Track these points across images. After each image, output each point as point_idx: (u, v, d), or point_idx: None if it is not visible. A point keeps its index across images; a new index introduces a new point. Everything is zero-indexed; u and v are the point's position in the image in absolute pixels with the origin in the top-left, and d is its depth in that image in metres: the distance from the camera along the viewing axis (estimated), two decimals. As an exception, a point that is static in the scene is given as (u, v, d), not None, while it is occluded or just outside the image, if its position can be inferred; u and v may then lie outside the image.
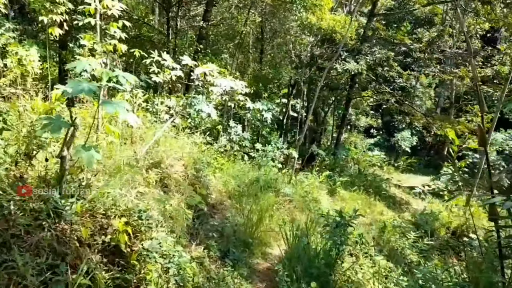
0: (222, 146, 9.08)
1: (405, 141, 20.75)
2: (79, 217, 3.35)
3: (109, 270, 3.36)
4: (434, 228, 11.70)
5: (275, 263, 6.67)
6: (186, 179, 6.30)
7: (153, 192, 4.97)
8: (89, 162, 3.23)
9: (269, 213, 7.96)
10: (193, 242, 5.53)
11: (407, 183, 18.91)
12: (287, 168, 11.44)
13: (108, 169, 4.60)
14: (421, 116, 14.81)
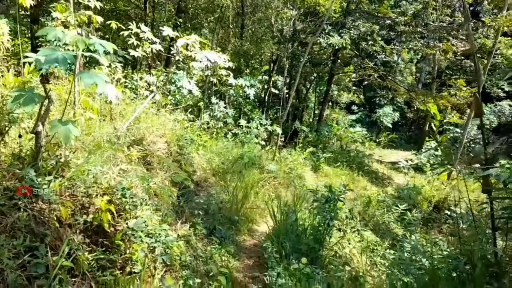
0: (204, 123, 8.88)
1: (387, 117, 20.91)
2: (58, 196, 3.16)
3: (92, 251, 3.22)
4: (417, 202, 11.91)
5: (262, 239, 6.64)
6: (170, 156, 6.12)
7: (136, 170, 4.79)
8: (67, 138, 3.02)
9: (254, 190, 7.89)
10: (179, 220, 5.41)
11: (389, 159, 19.18)
12: (271, 145, 11.34)
13: (87, 146, 4.38)
14: (404, 91, 14.86)
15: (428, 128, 19.03)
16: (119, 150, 4.64)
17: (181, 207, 5.63)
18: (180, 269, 4.29)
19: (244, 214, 7.11)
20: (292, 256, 5.20)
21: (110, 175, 3.75)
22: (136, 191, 4.09)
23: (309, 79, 18.67)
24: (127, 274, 3.37)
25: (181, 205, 5.65)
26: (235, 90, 10.71)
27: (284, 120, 11.28)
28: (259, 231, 7.10)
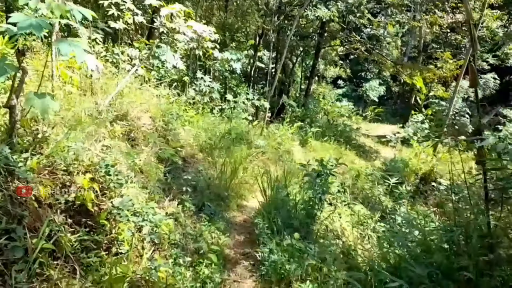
0: (190, 98, 8.59)
1: (373, 91, 20.81)
2: (36, 174, 2.93)
3: (75, 232, 3.02)
4: (404, 175, 11.96)
5: (252, 215, 6.52)
6: (155, 132, 5.87)
7: (120, 146, 4.55)
8: (44, 111, 2.77)
9: (243, 166, 7.73)
10: (167, 197, 5.22)
11: (375, 132, 19.21)
12: (258, 120, 11.14)
13: (67, 122, 4.11)
14: (391, 64, 14.71)
15: (414, 101, 19.03)
16: (102, 125, 4.37)
17: (169, 184, 5.43)
18: (169, 247, 4.13)
19: (233, 190, 6.97)
20: (284, 232, 5.09)
21: (92, 151, 3.51)
22: (121, 168, 3.87)
23: (296, 53, 18.33)
24: (114, 255, 3.20)
25: (169, 182, 5.45)
26: (220, 64, 10.38)
27: (271, 95, 11.04)
28: (248, 207, 6.98)
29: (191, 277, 3.93)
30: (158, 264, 3.28)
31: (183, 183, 5.67)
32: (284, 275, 4.18)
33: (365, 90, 21.20)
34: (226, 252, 5.01)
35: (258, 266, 4.66)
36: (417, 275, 4.31)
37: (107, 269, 3.03)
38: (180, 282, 3.60)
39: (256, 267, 4.69)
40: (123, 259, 3.21)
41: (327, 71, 21.22)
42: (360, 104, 21.59)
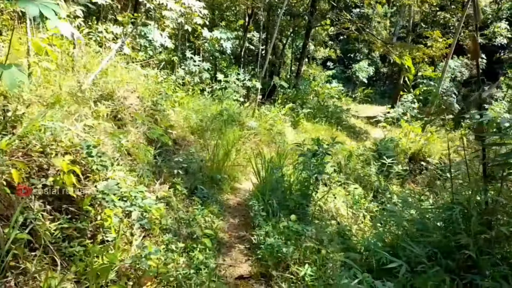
0: (179, 78, 8.17)
1: (363, 72, 20.49)
2: (8, 156, 2.58)
3: (55, 220, 2.69)
4: (395, 155, 11.78)
5: (246, 198, 6.25)
6: (143, 112, 5.50)
7: (105, 126, 4.19)
8: (12, 84, 2.41)
9: (235, 148, 7.42)
10: (157, 180, 4.91)
11: (365, 113, 18.99)
12: (250, 102, 10.78)
13: (46, 100, 3.73)
14: (381, 44, 14.38)
15: (403, 82, 18.81)
16: (84, 104, 3.99)
17: (159, 167, 5.11)
18: (161, 233, 3.84)
19: (226, 172, 6.67)
20: (280, 213, 4.83)
21: (73, 131, 3.15)
22: (106, 149, 3.53)
23: (286, 34, 17.84)
24: (99, 243, 2.89)
25: (159, 164, 5.12)
26: (210, 44, 9.93)
27: (261, 76, 10.65)
28: (242, 189, 6.71)
29: (184, 263, 3.66)
30: (148, 251, 2.98)
31: (174, 165, 5.35)
32: (281, 258, 3.92)
33: (355, 71, 20.85)
34: (220, 236, 4.74)
35: (254, 249, 4.40)
36: (415, 255, 4.10)
37: (92, 258, 2.73)
38: (173, 270, 3.32)
39: (252, 250, 4.43)
40: (109, 247, 2.91)
41: (317, 52, 20.79)
42: (349, 86, 21.27)
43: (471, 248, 3.74)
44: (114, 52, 5.30)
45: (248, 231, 4.90)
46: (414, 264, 4.05)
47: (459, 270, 3.97)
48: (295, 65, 18.78)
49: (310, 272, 3.53)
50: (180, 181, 5.06)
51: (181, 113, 7.37)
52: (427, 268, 3.89)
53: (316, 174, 4.67)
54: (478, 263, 3.82)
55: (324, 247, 4.18)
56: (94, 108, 4.56)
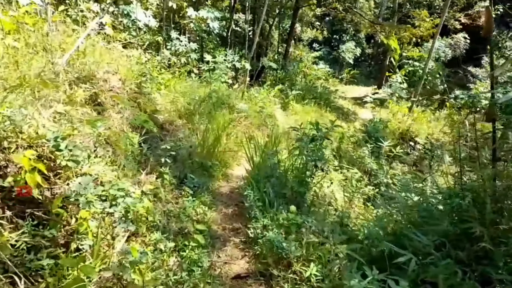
0: (165, 58, 7.50)
1: (350, 53, 19.93)
2: (-49, 154, 2.01)
3: (17, 228, 2.16)
4: (384, 135, 11.43)
5: (238, 185, 5.77)
6: (126, 95, 4.90)
7: (83, 113, 3.60)
8: None
9: (226, 132, 6.89)
10: (143, 170, 4.36)
11: (351, 94, 18.56)
12: (239, 84, 10.19)
13: (10, 83, 3.12)
14: (369, 23, 13.81)
15: (388, 62, 18.36)
16: (56, 87, 3.38)
17: (145, 155, 4.55)
18: (148, 231, 3.33)
19: (217, 158, 6.16)
20: (276, 202, 4.36)
21: (38, 120, 2.57)
22: (81, 140, 2.96)
23: (272, 15, 17.08)
24: (74, 252, 2.36)
25: (145, 153, 4.56)
26: (196, 24, 9.23)
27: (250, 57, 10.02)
28: (234, 176, 6.22)
29: (175, 265, 3.17)
30: (133, 258, 2.48)
31: (162, 153, 4.79)
32: (281, 255, 3.47)
33: (342, 52, 20.27)
34: (213, 229, 4.26)
35: (251, 243, 3.94)
36: (422, 245, 3.69)
37: (65, 271, 2.22)
38: (163, 275, 2.83)
39: (249, 245, 3.97)
40: (86, 255, 2.39)
41: (304, 33, 20.10)
42: (335, 67, 20.72)
43: (486, 239, 3.34)
44: (90, 29, 4.64)
45: (243, 223, 4.43)
46: (423, 255, 3.64)
47: (470, 261, 3.57)
48: (282, 46, 18.11)
49: (315, 272, 3.08)
50: (168, 170, 4.53)
51: (168, 96, 6.77)
52: (437, 260, 3.48)
53: (315, 160, 4.20)
54: (491, 254, 3.42)
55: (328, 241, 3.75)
56: (70, 92, 3.95)
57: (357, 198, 5.96)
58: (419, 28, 13.15)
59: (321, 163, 4.20)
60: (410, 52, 17.00)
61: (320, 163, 4.16)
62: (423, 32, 13.16)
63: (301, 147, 4.49)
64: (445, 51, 17.92)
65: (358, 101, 17.45)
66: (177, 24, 10.15)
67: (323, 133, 4.26)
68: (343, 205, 5.56)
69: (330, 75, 17.86)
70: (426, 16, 13.24)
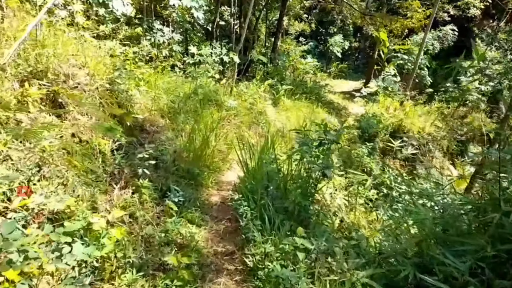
0: (144, 49, 6.54)
1: (338, 46, 19.15)
2: None
3: None
4: (377, 130, 10.75)
5: (230, 193, 4.95)
6: (95, 93, 3.99)
7: (34, 117, 2.72)
8: None
9: (215, 132, 6.03)
10: (116, 185, 3.50)
11: (340, 89, 17.82)
12: (226, 78, 9.29)
13: None
14: (359, 14, 13.06)
15: (377, 55, 17.68)
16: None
17: (119, 166, 3.68)
18: (117, 272, 2.48)
19: (205, 163, 5.32)
20: (277, 219, 3.56)
21: None
22: (22, 157, 2.08)
23: (259, 8, 16.13)
24: None
25: (118, 162, 3.69)
26: (179, 14, 8.28)
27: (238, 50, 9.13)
28: (225, 182, 5.38)
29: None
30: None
31: (139, 161, 3.92)
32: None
33: (330, 45, 19.46)
34: (203, 253, 3.43)
35: (249, 275, 3.14)
36: (455, 270, 2.94)
37: None
38: None
39: (246, 276, 3.16)
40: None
41: (291, 26, 19.21)
42: (323, 61, 19.92)
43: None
44: (44, 12, 3.71)
45: (238, 244, 3.62)
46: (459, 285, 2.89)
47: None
48: (269, 40, 17.22)
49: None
50: (147, 183, 3.67)
51: (148, 93, 5.86)
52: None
53: (323, 169, 3.40)
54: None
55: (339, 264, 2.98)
56: (19, 90, 3.05)
57: (364, 206, 5.22)
58: (411, 19, 12.44)
59: (330, 174, 3.41)
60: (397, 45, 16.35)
61: (329, 172, 3.37)
62: (415, 24, 12.46)
63: (303, 152, 3.68)
64: (434, 44, 17.32)
65: (347, 95, 16.74)
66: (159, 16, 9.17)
67: (333, 136, 3.46)
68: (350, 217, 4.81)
69: (318, 69, 17.07)
70: (418, 6, 12.54)
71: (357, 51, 22.45)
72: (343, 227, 4.45)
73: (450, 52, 19.36)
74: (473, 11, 15.87)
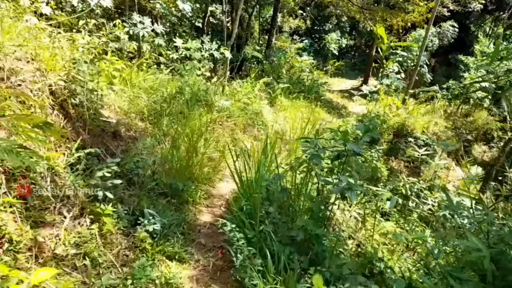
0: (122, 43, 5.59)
1: (335, 43, 18.28)
2: None
3: None
4: (382, 131, 9.93)
5: (222, 211, 4.06)
6: (44, 93, 3.08)
7: None
8: None
9: (204, 136, 5.13)
10: (68, 213, 2.60)
11: (338, 87, 17.00)
12: (218, 77, 8.38)
13: None
14: (357, 9, 12.23)
15: (375, 53, 16.88)
16: None
17: (73, 187, 2.76)
18: None
19: (192, 174, 4.42)
20: (283, 254, 2.67)
21: None
22: None
23: (251, 4, 15.26)
24: None
25: (74, 182, 2.78)
26: (163, 6, 7.36)
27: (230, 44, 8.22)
28: (216, 196, 4.48)
29: None
30: None
31: (105, 177, 3.01)
32: None
33: (327, 42, 18.59)
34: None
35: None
36: None
37: None
38: None
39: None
40: None
41: (286, 22, 18.33)
42: (319, 59, 19.05)
43: None
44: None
45: (230, 283, 2.74)
46: None
47: None
48: (263, 38, 16.36)
49: None
50: (110, 209, 2.76)
51: (125, 92, 4.95)
52: None
53: (345, 189, 2.52)
54: None
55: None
56: None
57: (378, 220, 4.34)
58: (412, 13, 11.61)
59: (356, 197, 2.52)
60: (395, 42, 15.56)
61: (354, 198, 2.48)
62: (416, 18, 11.63)
63: (313, 165, 2.79)
64: (433, 40, 16.56)
65: (346, 94, 15.91)
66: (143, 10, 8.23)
67: (357, 147, 2.58)
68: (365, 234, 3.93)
69: (314, 67, 16.22)
70: (420, 0, 11.72)
71: (354, 48, 21.62)
72: (361, 253, 3.58)
73: (448, 49, 18.63)
74: (475, 5, 15.10)
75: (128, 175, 3.58)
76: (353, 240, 3.72)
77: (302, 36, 21.13)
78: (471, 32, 19.48)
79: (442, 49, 18.41)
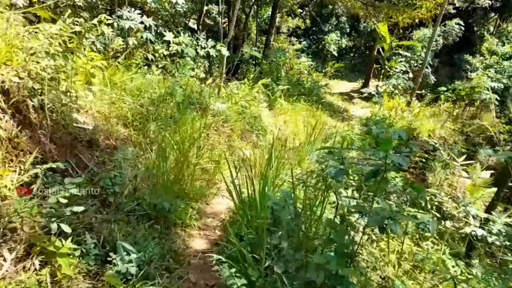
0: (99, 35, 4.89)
1: (335, 44, 17.68)
2: None
3: None
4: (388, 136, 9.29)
5: (218, 234, 3.41)
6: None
7: None
8: None
9: (197, 144, 4.46)
10: (10, 253, 1.93)
11: (337, 89, 16.40)
12: (213, 78, 7.73)
13: None
14: (361, 6, 11.62)
15: (376, 53, 16.30)
16: None
17: (20, 218, 2.08)
18: None
19: (182, 190, 3.75)
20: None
21: None
22: None
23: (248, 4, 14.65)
24: None
25: (19, 210, 2.10)
26: (155, 0, 6.70)
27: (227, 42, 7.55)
28: (211, 214, 3.83)
29: None
30: None
31: (58, 207, 2.33)
32: None
33: (326, 43, 17.97)
34: None
35: None
36: None
37: None
38: None
39: None
40: None
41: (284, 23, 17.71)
42: (317, 60, 18.43)
43: None
44: None
45: None
46: None
47: None
48: (260, 39, 15.73)
49: None
50: (69, 245, 2.09)
51: (106, 94, 4.27)
52: None
53: (379, 221, 1.86)
54: None
55: None
56: None
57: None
58: (420, 10, 11.01)
59: (399, 230, 1.87)
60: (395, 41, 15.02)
61: (396, 227, 1.83)
62: (424, 15, 11.03)
63: (336, 186, 2.13)
64: (437, 40, 15.98)
65: (346, 96, 15.31)
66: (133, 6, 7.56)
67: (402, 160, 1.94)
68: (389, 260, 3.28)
69: (313, 69, 15.61)
70: (428, -6, 11.11)
71: (353, 50, 21.04)
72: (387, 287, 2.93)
73: (452, 48, 18.07)
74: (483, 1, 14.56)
75: (102, 195, 2.92)
76: (376, 273, 3.07)
77: (300, 37, 20.53)
78: (475, 31, 18.95)
79: (446, 49, 17.85)
